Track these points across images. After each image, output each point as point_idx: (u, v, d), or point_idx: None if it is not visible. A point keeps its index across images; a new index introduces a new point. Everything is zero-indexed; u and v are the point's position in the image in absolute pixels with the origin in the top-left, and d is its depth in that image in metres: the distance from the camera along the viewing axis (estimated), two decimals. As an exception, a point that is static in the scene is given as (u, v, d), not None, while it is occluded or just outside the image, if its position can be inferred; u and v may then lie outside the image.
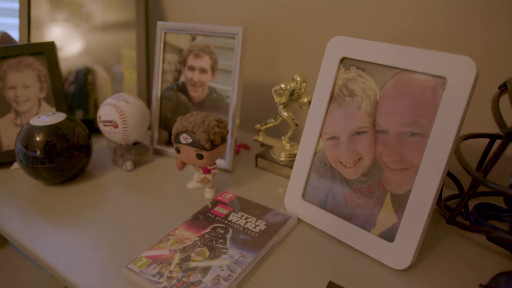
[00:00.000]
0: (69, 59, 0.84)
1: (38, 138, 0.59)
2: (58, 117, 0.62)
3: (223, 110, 0.68)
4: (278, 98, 0.65)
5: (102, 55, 0.84)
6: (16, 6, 0.85)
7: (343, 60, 0.51)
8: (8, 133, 0.70)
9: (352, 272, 0.45)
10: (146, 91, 0.82)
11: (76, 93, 0.84)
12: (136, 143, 0.69)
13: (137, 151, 0.69)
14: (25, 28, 0.84)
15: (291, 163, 0.65)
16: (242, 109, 0.82)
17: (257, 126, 0.73)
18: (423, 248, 0.48)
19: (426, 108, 0.43)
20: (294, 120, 0.66)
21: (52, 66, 0.73)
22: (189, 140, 0.54)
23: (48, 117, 0.61)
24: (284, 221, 0.51)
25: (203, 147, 0.53)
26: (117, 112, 0.64)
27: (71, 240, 0.51)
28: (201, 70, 0.70)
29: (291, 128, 0.68)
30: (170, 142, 0.74)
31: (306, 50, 0.75)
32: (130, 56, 0.82)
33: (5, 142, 0.70)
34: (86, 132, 0.64)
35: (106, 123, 0.64)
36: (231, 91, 0.66)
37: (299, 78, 0.63)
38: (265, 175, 0.67)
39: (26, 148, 0.59)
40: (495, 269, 0.44)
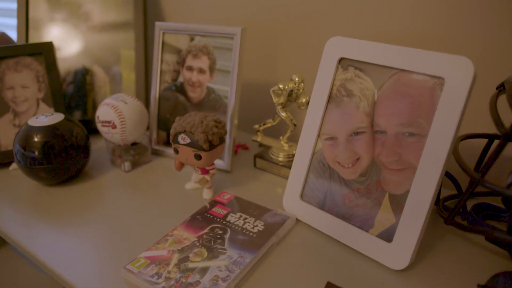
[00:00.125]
0: (67, 59, 0.84)
1: (36, 139, 0.59)
2: (56, 117, 0.62)
3: (221, 111, 0.68)
4: (276, 99, 0.65)
5: (100, 56, 0.84)
6: (14, 6, 0.85)
7: (341, 60, 0.51)
8: (6, 133, 0.70)
9: (350, 273, 0.45)
10: (145, 92, 0.82)
11: (75, 94, 0.84)
12: (135, 143, 0.69)
13: (135, 151, 0.69)
14: (23, 28, 0.84)
15: (289, 164, 0.65)
16: (241, 109, 0.82)
17: (256, 126, 0.73)
18: (421, 248, 0.48)
19: (424, 109, 0.43)
20: (292, 120, 0.66)
21: (50, 66, 0.73)
22: (188, 140, 0.54)
23: (46, 117, 0.61)
24: (282, 222, 0.51)
25: (202, 148, 0.53)
26: (115, 112, 0.64)
27: (69, 240, 0.51)
28: (200, 71, 0.70)
29: (290, 128, 0.68)
30: (168, 142, 0.74)
31: (304, 50, 0.75)
32: (128, 56, 0.82)
33: (3, 142, 0.70)
34: (85, 133, 0.64)
35: (104, 124, 0.64)
36: (230, 92, 0.66)
37: (297, 79, 0.63)
38: (263, 175, 0.67)
39: (24, 148, 0.59)
40: (493, 269, 0.44)
